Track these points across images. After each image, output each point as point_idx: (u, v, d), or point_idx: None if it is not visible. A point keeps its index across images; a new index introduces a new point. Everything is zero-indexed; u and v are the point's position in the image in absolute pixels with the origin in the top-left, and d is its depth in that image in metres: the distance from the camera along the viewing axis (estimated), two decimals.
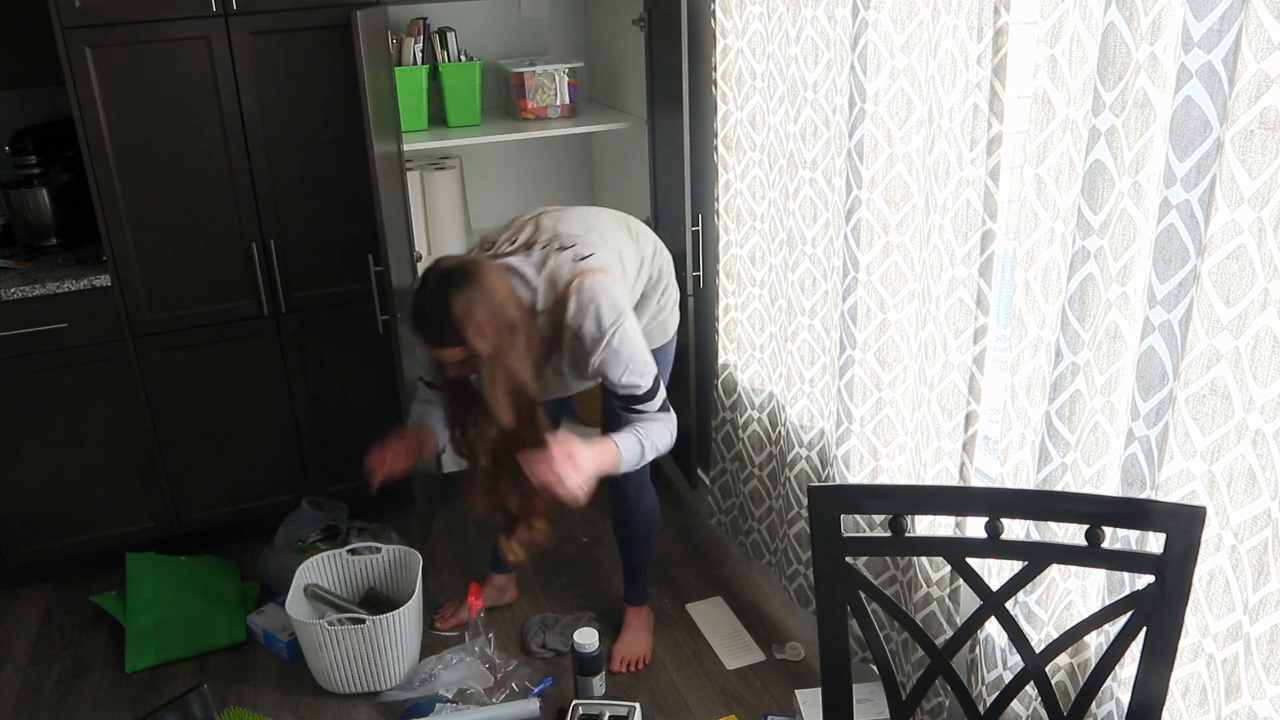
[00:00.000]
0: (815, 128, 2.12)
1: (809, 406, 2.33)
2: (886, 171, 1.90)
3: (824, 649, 1.42)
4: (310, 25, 2.62)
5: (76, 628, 2.77)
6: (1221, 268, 1.24)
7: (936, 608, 1.97)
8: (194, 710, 1.23)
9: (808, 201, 2.19)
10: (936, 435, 1.90)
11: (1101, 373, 1.48)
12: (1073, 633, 1.35)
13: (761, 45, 2.30)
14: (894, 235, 1.93)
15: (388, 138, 2.64)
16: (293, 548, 2.74)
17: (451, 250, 3.17)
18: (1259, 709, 1.31)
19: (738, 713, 2.36)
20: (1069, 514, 1.34)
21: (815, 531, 1.37)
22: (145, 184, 2.61)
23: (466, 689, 2.39)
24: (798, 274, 2.28)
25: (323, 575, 2.59)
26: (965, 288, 1.76)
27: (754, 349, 2.59)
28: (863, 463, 2.14)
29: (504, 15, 3.25)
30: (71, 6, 2.41)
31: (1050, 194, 1.50)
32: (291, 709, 2.44)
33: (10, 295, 2.57)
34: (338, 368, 2.95)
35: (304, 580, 2.52)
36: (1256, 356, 1.24)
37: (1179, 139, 1.28)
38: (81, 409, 2.75)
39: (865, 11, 1.83)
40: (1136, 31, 1.30)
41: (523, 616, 2.72)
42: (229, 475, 2.96)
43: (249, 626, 2.66)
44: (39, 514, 2.81)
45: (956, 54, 1.66)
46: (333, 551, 2.61)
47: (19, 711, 2.47)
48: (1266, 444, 1.25)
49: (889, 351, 2.01)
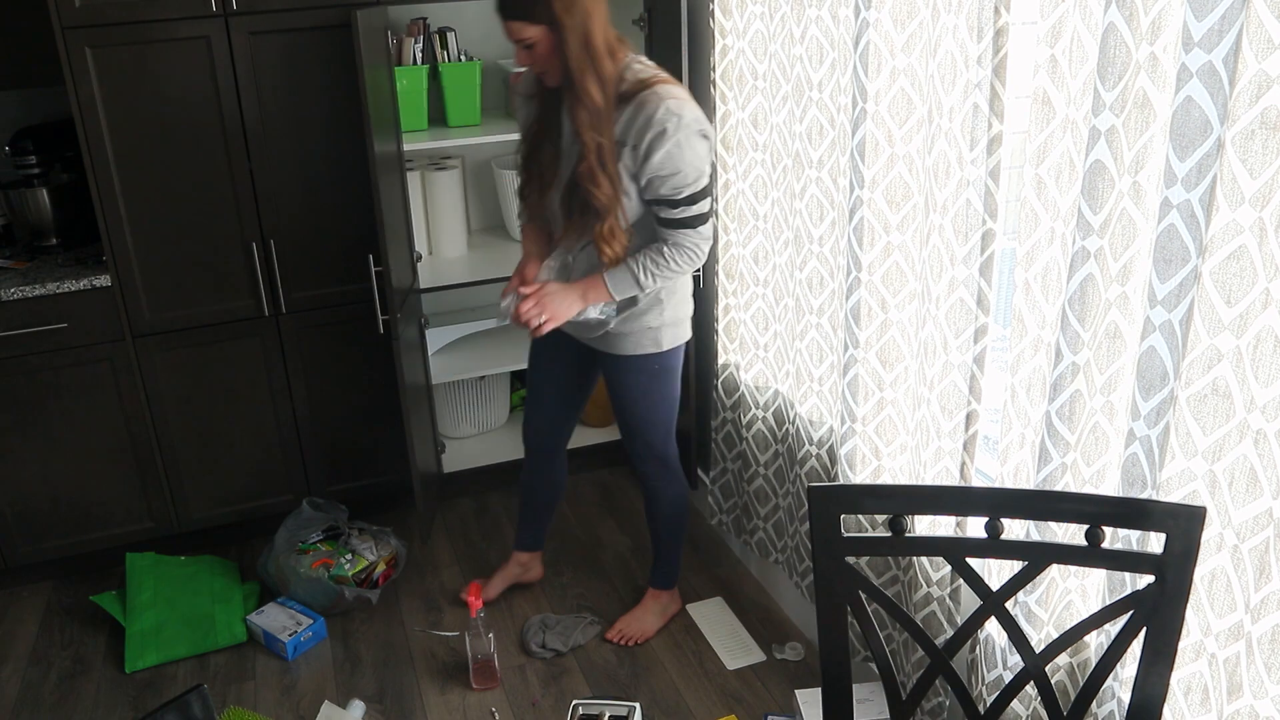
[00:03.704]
0: (821, 127, 2.12)
1: (818, 404, 2.34)
2: (887, 171, 1.90)
3: (824, 649, 1.42)
4: (310, 25, 2.62)
5: (76, 628, 2.77)
6: (1223, 267, 1.24)
7: (937, 607, 1.97)
8: (194, 710, 1.23)
9: (814, 201, 2.20)
10: (937, 435, 1.90)
11: (1101, 373, 1.48)
12: (1073, 633, 1.35)
13: (764, 45, 2.30)
14: (895, 235, 1.93)
15: (388, 138, 2.64)
16: (293, 548, 2.74)
17: (452, 251, 3.17)
18: (1260, 708, 1.31)
19: (738, 713, 2.36)
20: (1069, 514, 1.34)
21: (815, 532, 1.37)
22: (145, 184, 2.61)
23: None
24: (805, 273, 2.28)
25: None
26: (966, 287, 1.76)
27: (758, 348, 2.59)
28: (865, 462, 2.15)
29: None
30: (71, 6, 2.41)
31: (1050, 194, 1.50)
32: (291, 709, 2.44)
33: (10, 295, 2.57)
34: (338, 368, 2.95)
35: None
36: (1258, 356, 1.24)
37: (1179, 139, 1.28)
38: (81, 409, 2.75)
39: (866, 11, 1.83)
40: (1136, 31, 1.30)
41: (523, 616, 2.72)
42: (229, 475, 2.96)
43: (249, 626, 2.66)
44: (39, 514, 2.81)
45: (956, 54, 1.66)
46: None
47: (19, 711, 2.47)
48: (1268, 443, 1.25)
49: (890, 351, 2.01)
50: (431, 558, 3.00)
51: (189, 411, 2.85)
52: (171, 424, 2.84)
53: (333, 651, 2.63)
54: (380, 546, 2.84)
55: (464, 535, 3.12)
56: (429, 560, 2.99)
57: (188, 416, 2.86)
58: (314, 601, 2.70)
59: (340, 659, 2.60)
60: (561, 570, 2.91)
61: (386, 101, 2.65)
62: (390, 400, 3.02)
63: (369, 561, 2.78)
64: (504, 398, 3.43)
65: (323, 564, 2.71)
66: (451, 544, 3.08)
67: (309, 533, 2.78)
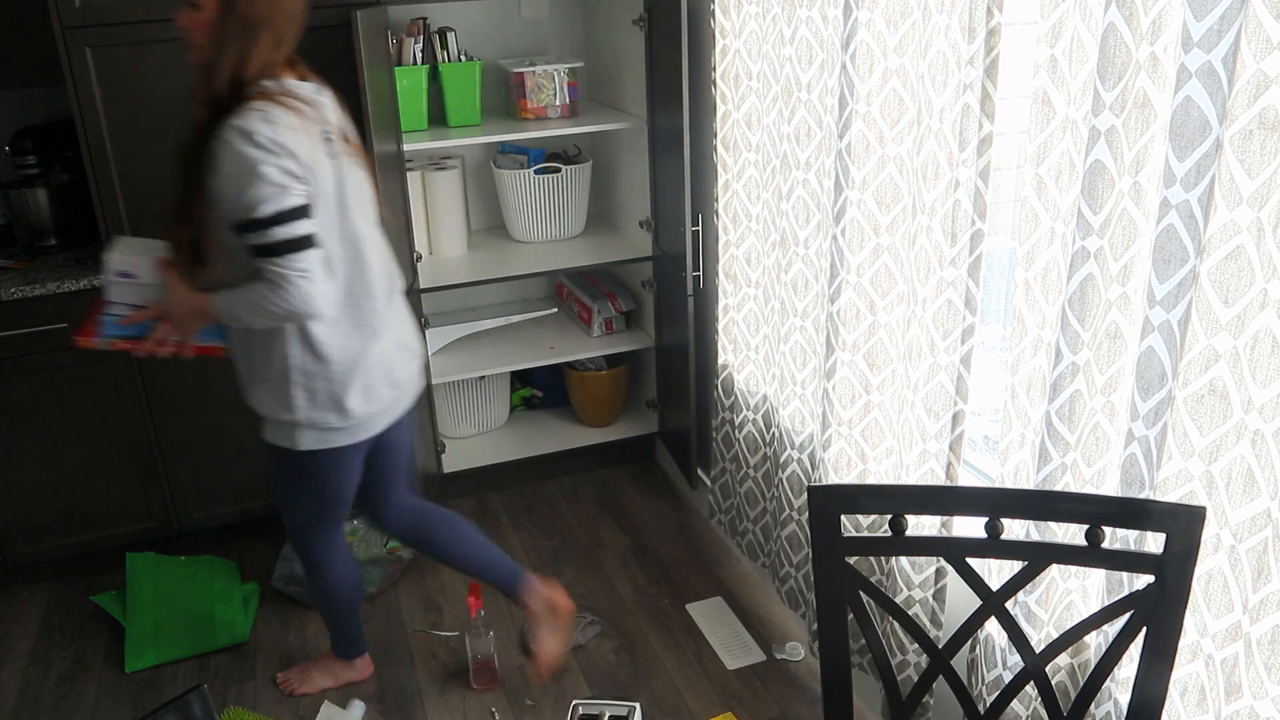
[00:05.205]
0: (809, 128, 2.12)
1: (800, 409, 2.33)
2: (878, 173, 1.90)
3: (824, 649, 1.42)
4: (310, 25, 2.60)
5: (76, 628, 2.77)
6: (1220, 268, 1.24)
7: (920, 609, 1.97)
8: (194, 710, 1.23)
9: (801, 203, 2.19)
10: (922, 438, 1.90)
11: (1101, 373, 1.48)
12: (1073, 633, 1.35)
13: (757, 45, 2.30)
14: (884, 237, 1.93)
15: (388, 138, 2.64)
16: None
17: (452, 251, 3.17)
18: (1260, 709, 1.31)
19: (737, 712, 2.36)
20: (1069, 514, 1.34)
21: (815, 532, 1.37)
22: (145, 184, 2.61)
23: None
24: (790, 275, 2.28)
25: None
26: (954, 288, 1.76)
27: (749, 350, 2.59)
28: (850, 465, 2.14)
29: (504, 15, 3.25)
30: (71, 6, 2.41)
31: (1050, 194, 1.50)
32: (291, 709, 2.44)
33: (10, 295, 2.57)
34: None
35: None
36: (1255, 356, 1.24)
37: (1179, 139, 1.28)
38: (81, 409, 2.75)
39: (858, 11, 1.83)
40: (1136, 31, 1.31)
41: (523, 616, 2.72)
42: (229, 475, 2.96)
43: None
44: (39, 514, 2.81)
45: (948, 54, 1.66)
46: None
47: (19, 711, 2.47)
48: (1265, 444, 1.25)
49: (878, 354, 2.01)
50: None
51: (189, 411, 2.85)
52: (171, 424, 2.84)
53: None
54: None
55: None
56: (429, 560, 2.99)
57: (188, 416, 2.85)
58: (370, 581, 2.76)
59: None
60: (561, 570, 2.91)
61: (386, 101, 2.65)
62: None
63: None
64: (504, 398, 3.43)
65: (362, 542, 2.78)
66: None
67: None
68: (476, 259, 3.14)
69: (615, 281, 3.50)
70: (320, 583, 2.30)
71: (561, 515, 3.19)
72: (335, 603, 2.35)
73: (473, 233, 3.40)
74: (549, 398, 3.56)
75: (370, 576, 2.77)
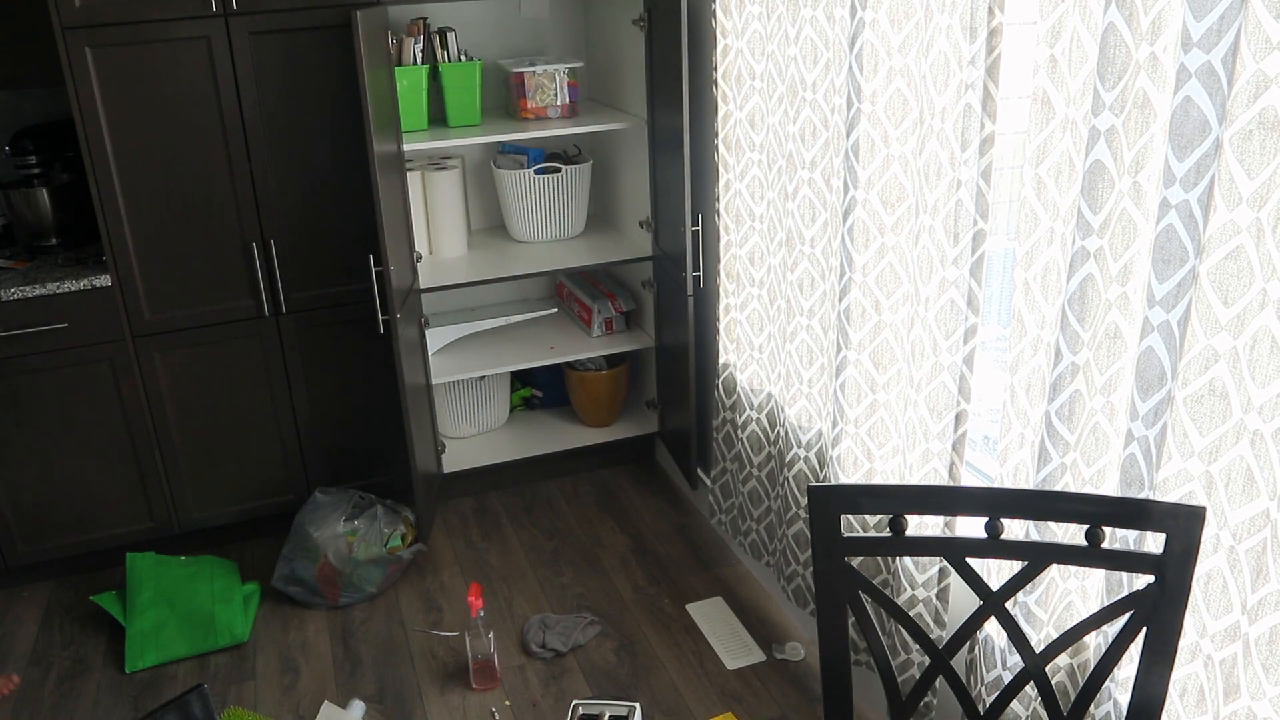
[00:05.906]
0: (814, 128, 2.12)
1: (807, 407, 2.34)
2: (883, 172, 1.90)
3: (824, 649, 1.42)
4: (310, 25, 2.63)
5: (76, 628, 2.77)
6: (1220, 268, 1.24)
7: (923, 609, 1.97)
8: (194, 710, 1.23)
9: (806, 202, 2.19)
10: (925, 437, 1.90)
11: (1101, 373, 1.48)
12: (1072, 633, 1.35)
13: (761, 45, 2.30)
14: (889, 236, 1.93)
15: (388, 138, 2.64)
16: (337, 540, 2.74)
17: (452, 251, 3.17)
18: (1259, 709, 1.31)
19: (737, 712, 2.36)
20: (1069, 514, 1.34)
21: (815, 532, 1.37)
22: (145, 184, 2.62)
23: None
24: (796, 274, 2.28)
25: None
26: (956, 288, 1.76)
27: (753, 349, 2.59)
28: (857, 464, 2.14)
29: (504, 15, 3.25)
30: (71, 6, 2.42)
31: (1050, 194, 1.50)
32: (291, 709, 2.44)
33: (10, 295, 2.58)
34: (338, 368, 2.95)
35: None
36: (1255, 357, 1.24)
37: (1178, 139, 1.28)
38: (81, 409, 2.75)
39: (863, 11, 1.83)
40: (1136, 31, 1.31)
41: (523, 616, 2.72)
42: (229, 475, 2.96)
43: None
44: (39, 514, 2.82)
45: (950, 54, 1.66)
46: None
47: (19, 711, 2.47)
48: (1264, 444, 1.25)
49: (883, 353, 2.01)
50: (431, 558, 3.00)
51: (189, 411, 2.85)
52: (171, 424, 2.84)
53: (333, 651, 2.63)
54: (399, 514, 2.92)
55: (464, 535, 3.12)
56: (429, 560, 2.99)
57: (188, 416, 2.86)
58: (370, 581, 2.76)
59: (340, 659, 2.60)
60: (561, 570, 2.91)
61: (386, 101, 2.65)
62: (390, 400, 3.03)
63: (403, 528, 2.88)
64: (504, 398, 3.44)
65: (362, 542, 2.78)
66: (451, 544, 3.08)
67: (337, 520, 2.78)
68: (476, 259, 3.14)
69: (615, 281, 3.50)
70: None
71: (561, 515, 3.20)
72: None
73: (473, 233, 3.40)
74: (549, 398, 3.57)
75: (370, 576, 2.78)
